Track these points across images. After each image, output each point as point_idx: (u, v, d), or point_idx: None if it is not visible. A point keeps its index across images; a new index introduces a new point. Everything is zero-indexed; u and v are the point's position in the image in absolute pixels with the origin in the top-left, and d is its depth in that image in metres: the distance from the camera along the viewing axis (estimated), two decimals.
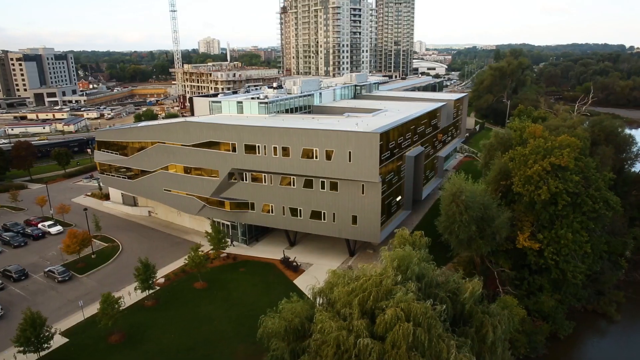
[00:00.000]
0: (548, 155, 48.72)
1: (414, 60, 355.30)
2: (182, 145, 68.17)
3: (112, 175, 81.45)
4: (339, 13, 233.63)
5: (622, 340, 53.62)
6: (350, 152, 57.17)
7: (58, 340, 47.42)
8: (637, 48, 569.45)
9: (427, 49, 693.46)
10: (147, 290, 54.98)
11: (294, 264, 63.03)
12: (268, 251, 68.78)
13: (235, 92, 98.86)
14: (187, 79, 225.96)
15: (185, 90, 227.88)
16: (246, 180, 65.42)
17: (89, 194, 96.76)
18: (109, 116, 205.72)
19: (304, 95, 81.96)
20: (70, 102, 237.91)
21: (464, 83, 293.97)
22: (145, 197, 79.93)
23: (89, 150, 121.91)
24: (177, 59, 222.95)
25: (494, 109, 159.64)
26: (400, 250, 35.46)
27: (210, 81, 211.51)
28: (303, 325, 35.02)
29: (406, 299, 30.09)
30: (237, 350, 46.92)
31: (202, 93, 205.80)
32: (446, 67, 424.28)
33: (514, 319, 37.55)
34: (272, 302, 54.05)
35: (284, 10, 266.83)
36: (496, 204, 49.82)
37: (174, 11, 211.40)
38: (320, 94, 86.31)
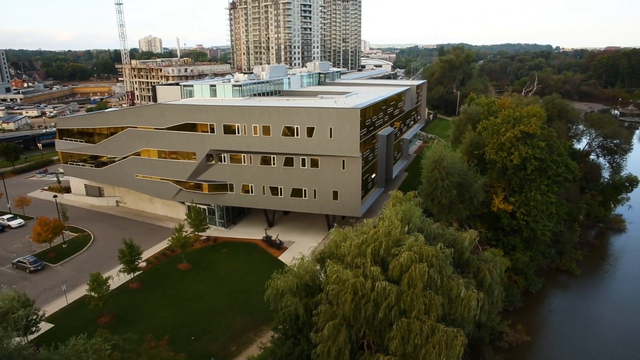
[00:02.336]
0: (518, 124, 52.97)
1: (361, 58, 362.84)
2: (155, 128, 66.86)
3: (76, 165, 78.07)
4: (290, 9, 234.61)
5: (583, 291, 59.22)
6: (331, 128, 58.83)
7: (43, 327, 45.36)
8: (563, 48, 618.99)
9: (371, 48, 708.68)
10: (132, 273, 53.84)
11: (277, 241, 63.76)
12: (248, 232, 69.00)
13: None
14: (135, 75, 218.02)
15: (133, 87, 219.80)
16: (225, 161, 65.34)
17: (46, 188, 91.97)
18: (52, 114, 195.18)
19: (275, 81, 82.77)
20: (4, 100, 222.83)
21: (411, 79, 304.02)
22: (115, 185, 77.36)
23: (40, 144, 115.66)
24: (125, 54, 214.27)
25: (444, 99, 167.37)
26: (402, 206, 37.55)
27: (161, 77, 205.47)
28: (314, 281, 36.22)
29: (417, 244, 32.16)
30: (234, 322, 47.18)
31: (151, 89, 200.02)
32: (392, 64, 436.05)
33: (502, 267, 40.72)
34: (260, 277, 55.07)
35: (233, 6, 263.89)
36: (473, 171, 53.40)
37: (120, 4, 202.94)
38: (289, 79, 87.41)
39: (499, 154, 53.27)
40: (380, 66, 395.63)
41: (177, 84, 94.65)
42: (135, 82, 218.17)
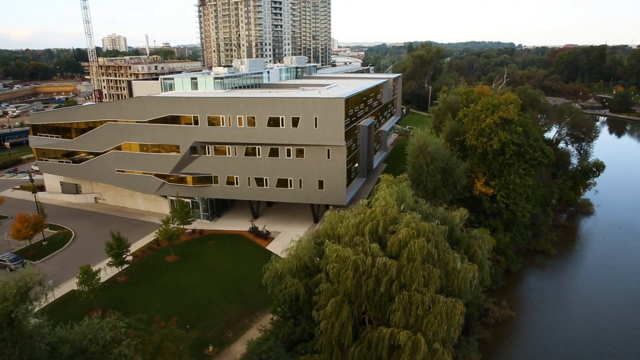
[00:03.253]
0: (496, 111, 55.29)
1: (331, 56, 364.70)
2: (137, 122, 65.95)
3: (52, 161, 75.92)
4: (260, 6, 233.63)
5: (558, 270, 62.49)
6: (316, 118, 59.66)
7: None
8: (525, 46, 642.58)
9: (339, 46, 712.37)
10: (119, 266, 53.15)
11: (264, 232, 64.10)
12: (233, 224, 69.05)
13: None
14: (103, 73, 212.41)
15: (101, 85, 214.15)
16: (209, 153, 65.16)
17: (18, 187, 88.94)
18: (14, 114, 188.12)
19: (255, 74, 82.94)
20: None
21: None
22: (94, 181, 75.71)
23: (7, 144, 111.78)
24: (92, 51, 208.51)
25: (416, 94, 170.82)
26: (396, 187, 38.83)
27: (130, 74, 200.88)
28: (312, 263, 37.04)
29: (414, 220, 33.46)
30: (228, 310, 47.41)
31: (121, 87, 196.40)
32: (361, 61, 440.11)
33: (490, 244, 42.63)
34: (250, 266, 55.65)
35: (202, 2, 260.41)
36: (455, 157, 55.37)
37: None
38: (269, 72, 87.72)
39: (480, 140, 55.45)
40: (351, 63, 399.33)
41: (156, 79, 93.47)
42: (103, 80, 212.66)
